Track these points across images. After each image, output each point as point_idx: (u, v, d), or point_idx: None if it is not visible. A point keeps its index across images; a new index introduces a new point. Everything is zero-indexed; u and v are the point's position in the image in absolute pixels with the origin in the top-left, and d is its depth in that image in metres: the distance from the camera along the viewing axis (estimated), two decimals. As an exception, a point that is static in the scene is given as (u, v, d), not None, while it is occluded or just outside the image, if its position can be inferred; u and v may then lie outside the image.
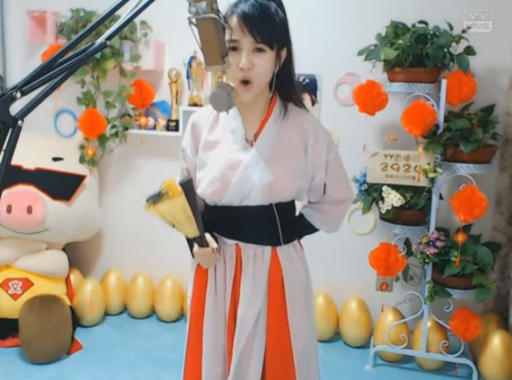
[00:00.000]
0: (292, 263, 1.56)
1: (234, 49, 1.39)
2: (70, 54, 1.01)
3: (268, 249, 1.53)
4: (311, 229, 1.66)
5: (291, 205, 1.58)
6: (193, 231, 1.43)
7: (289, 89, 1.53)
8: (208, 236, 1.49)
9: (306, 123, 1.53)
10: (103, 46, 1.06)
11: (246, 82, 1.41)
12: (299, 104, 1.56)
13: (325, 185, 1.57)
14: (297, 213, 1.65)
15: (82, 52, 1.02)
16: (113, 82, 3.24)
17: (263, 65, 1.40)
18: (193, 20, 1.25)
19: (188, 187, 1.37)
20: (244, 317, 1.51)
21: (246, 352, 1.52)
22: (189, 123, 1.58)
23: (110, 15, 1.05)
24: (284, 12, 1.43)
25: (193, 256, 1.54)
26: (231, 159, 1.48)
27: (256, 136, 1.50)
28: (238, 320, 1.52)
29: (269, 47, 1.39)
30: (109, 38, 1.05)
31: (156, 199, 1.35)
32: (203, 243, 1.48)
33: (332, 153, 1.55)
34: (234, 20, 1.37)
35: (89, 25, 1.06)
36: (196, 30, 1.28)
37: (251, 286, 1.51)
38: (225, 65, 1.32)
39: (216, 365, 1.56)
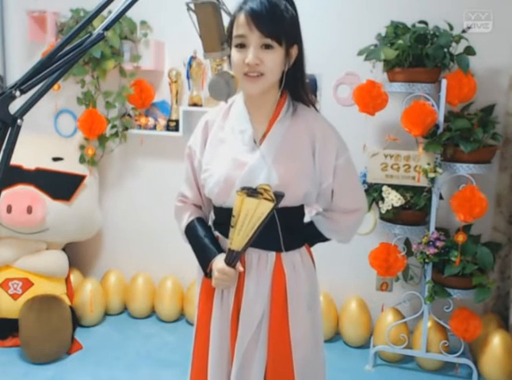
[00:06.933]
0: (296, 271, 1.50)
1: (242, 46, 1.36)
2: (68, 48, 0.99)
3: (272, 255, 1.48)
4: (321, 238, 1.61)
5: (298, 210, 1.52)
6: (242, 243, 1.39)
7: (300, 88, 1.49)
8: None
9: (315, 125, 1.48)
10: (101, 37, 1.03)
11: (257, 75, 1.36)
12: (309, 104, 1.52)
13: (332, 192, 1.50)
14: (308, 219, 1.59)
15: (79, 45, 1.01)
16: (113, 82, 3.24)
17: (272, 61, 1.36)
18: (191, 5, 1.23)
19: (278, 200, 1.33)
20: (246, 322, 1.48)
21: (247, 358, 1.47)
22: (201, 121, 1.54)
23: (106, 6, 1.04)
24: (295, 10, 1.41)
25: (207, 270, 1.49)
26: (237, 160, 1.44)
27: (264, 136, 1.46)
28: (240, 325, 1.48)
29: (278, 42, 1.35)
30: (107, 28, 1.03)
31: (250, 192, 1.32)
32: (234, 261, 1.41)
33: (342, 159, 1.48)
34: (241, 17, 1.34)
35: (85, 18, 1.04)
36: (194, 16, 1.24)
37: (254, 291, 1.47)
38: (224, 51, 1.28)
39: (222, 370, 1.51)
